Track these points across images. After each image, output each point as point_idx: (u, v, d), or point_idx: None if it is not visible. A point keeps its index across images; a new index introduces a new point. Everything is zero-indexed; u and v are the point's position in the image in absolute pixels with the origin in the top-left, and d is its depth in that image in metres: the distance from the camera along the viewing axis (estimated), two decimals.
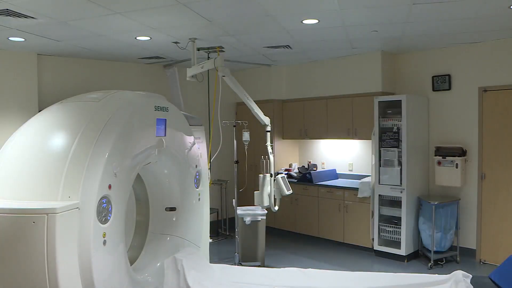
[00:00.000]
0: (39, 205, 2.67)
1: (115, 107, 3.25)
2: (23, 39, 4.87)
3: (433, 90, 6.12)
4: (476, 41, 5.58)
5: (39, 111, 4.03)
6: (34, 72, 5.66)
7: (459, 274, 3.42)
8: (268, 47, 5.77)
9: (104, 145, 2.95)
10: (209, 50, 5.55)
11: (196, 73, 5.10)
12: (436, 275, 3.63)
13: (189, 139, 4.14)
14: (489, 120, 5.61)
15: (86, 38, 4.96)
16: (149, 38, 5.00)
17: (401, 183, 5.78)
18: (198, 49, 5.36)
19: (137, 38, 5.00)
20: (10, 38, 4.80)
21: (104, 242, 2.89)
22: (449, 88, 5.97)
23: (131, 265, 3.48)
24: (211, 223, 5.20)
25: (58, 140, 2.99)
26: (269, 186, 5.08)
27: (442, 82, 6.02)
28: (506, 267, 3.38)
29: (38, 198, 2.77)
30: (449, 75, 5.96)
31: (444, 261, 5.66)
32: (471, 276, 3.42)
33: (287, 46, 5.76)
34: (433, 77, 6.10)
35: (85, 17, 4.07)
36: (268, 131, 5.19)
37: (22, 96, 5.51)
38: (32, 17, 3.99)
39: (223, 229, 7.64)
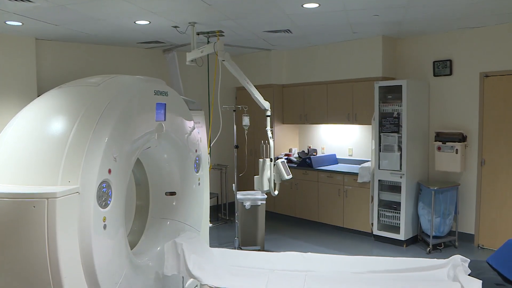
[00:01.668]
0: (39, 189, 2.66)
1: (114, 91, 3.22)
2: (21, 23, 4.83)
3: (434, 75, 6.09)
4: (478, 26, 5.54)
5: (38, 96, 4.01)
6: (33, 57, 5.63)
7: (457, 258, 3.44)
8: (268, 31, 5.73)
9: (104, 130, 2.94)
10: (209, 35, 5.51)
11: (195, 58, 5.07)
12: (435, 259, 3.65)
13: (189, 124, 4.12)
14: (490, 105, 5.60)
15: (84, 22, 4.92)
16: (148, 22, 4.96)
17: (401, 168, 5.79)
18: (198, 34, 5.33)
19: (136, 22, 4.96)
20: (8, 22, 4.77)
21: (105, 227, 2.89)
22: (450, 73, 5.94)
23: (131, 250, 3.50)
24: (211, 207, 5.22)
25: (57, 125, 2.97)
26: (269, 171, 5.09)
27: (443, 67, 5.99)
28: (503, 251, 3.40)
29: (38, 183, 2.76)
30: (450, 60, 5.92)
31: (443, 246, 5.70)
32: (469, 260, 3.44)
33: (288, 31, 5.72)
34: (434, 62, 6.07)
35: (83, 0, 4.03)
36: (268, 116, 5.17)
37: (21, 81, 5.49)
38: (29, 1, 3.95)
39: (223, 213, 7.68)
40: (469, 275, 3.16)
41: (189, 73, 6.86)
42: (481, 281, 2.99)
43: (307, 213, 7.05)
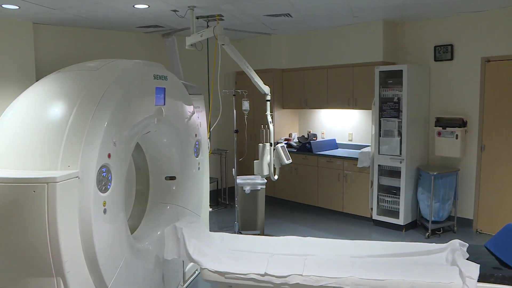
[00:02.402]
0: (39, 174, 2.67)
1: (113, 76, 3.21)
2: (17, 7, 4.77)
3: (435, 60, 6.05)
4: (480, 10, 5.49)
5: (37, 80, 3.99)
6: (31, 41, 5.59)
7: (456, 243, 3.46)
8: (268, 15, 5.68)
9: (103, 114, 2.93)
10: (208, 19, 5.46)
11: (195, 42, 5.03)
12: (434, 244, 3.67)
13: (189, 108, 4.12)
14: (491, 91, 5.57)
15: (82, 6, 4.87)
16: (147, 6, 4.91)
17: (400, 154, 5.79)
18: (197, 18, 5.28)
19: (135, 6, 4.91)
20: (4, 6, 4.71)
21: (105, 211, 2.91)
22: (451, 58, 5.91)
23: (131, 234, 3.52)
24: (211, 192, 5.24)
25: (57, 110, 2.97)
26: (269, 156, 5.09)
27: (444, 52, 5.95)
28: (501, 236, 3.42)
29: (38, 168, 2.77)
30: (451, 45, 5.88)
31: (442, 231, 5.73)
32: (467, 245, 3.46)
33: (288, 15, 5.67)
34: (435, 47, 6.03)
35: None
36: (268, 100, 5.17)
37: (19, 65, 5.46)
38: None
39: (223, 198, 7.71)
40: (467, 259, 3.19)
41: (188, 58, 6.81)
42: (479, 265, 3.01)
43: (306, 197, 7.07)
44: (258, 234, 5.56)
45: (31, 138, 2.88)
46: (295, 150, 7.08)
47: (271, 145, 5.11)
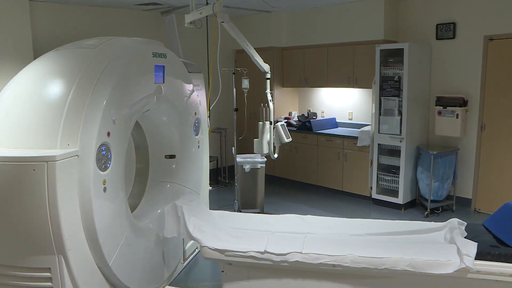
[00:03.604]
0: (39, 153, 2.66)
1: (112, 53, 3.18)
2: None
3: (437, 38, 5.99)
4: None
5: (35, 59, 3.96)
6: (27, 19, 5.51)
7: (454, 221, 3.48)
8: None
9: (102, 92, 2.91)
10: None
11: (194, 20, 4.97)
12: (432, 222, 3.69)
13: (188, 87, 4.09)
14: (493, 70, 5.53)
15: None
16: None
17: (400, 133, 5.78)
18: None
19: None
20: None
21: (105, 189, 2.91)
22: (453, 37, 5.85)
23: (131, 212, 3.53)
24: (210, 171, 5.24)
25: (55, 88, 2.94)
26: (269, 134, 5.08)
27: (446, 31, 5.89)
28: (499, 215, 3.43)
29: (37, 147, 2.76)
30: (454, 23, 5.82)
31: (440, 210, 5.77)
32: (465, 223, 3.48)
33: None
34: (437, 25, 5.96)
35: None
36: (268, 79, 5.13)
37: (16, 44, 5.40)
38: None
39: (222, 177, 7.73)
40: (465, 237, 3.21)
41: (187, 36, 6.75)
42: (476, 243, 3.03)
43: (306, 176, 7.09)
44: (258, 213, 5.59)
45: (30, 117, 2.86)
46: (295, 129, 7.07)
47: (271, 123, 5.10)
